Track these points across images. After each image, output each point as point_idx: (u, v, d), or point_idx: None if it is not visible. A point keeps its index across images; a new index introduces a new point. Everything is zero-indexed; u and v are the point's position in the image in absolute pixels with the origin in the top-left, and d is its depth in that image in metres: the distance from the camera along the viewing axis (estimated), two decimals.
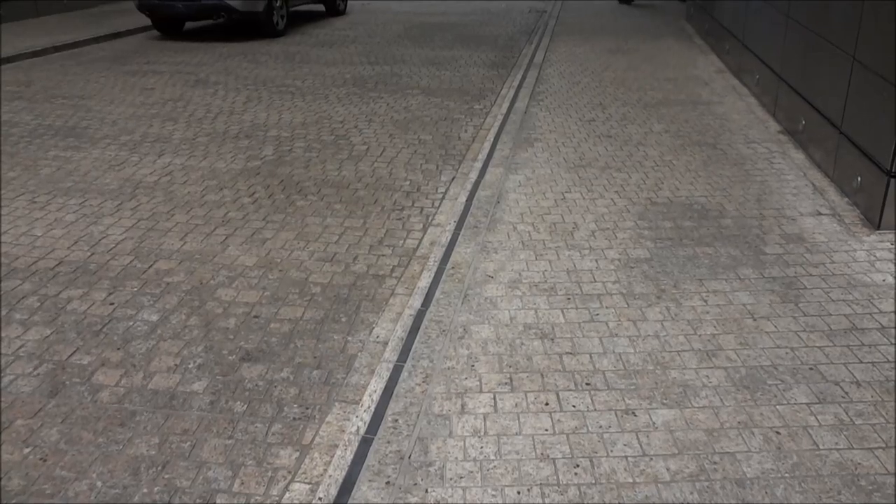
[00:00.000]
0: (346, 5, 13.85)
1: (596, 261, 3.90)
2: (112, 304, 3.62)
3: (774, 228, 4.27)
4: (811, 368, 2.96)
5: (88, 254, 4.15)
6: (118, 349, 3.24)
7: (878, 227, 4.23)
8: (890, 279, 3.68)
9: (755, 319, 3.32)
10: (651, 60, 8.93)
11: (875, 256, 3.92)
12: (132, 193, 5.03)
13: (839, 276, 3.73)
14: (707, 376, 2.92)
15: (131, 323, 3.45)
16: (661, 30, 11.23)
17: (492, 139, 5.92)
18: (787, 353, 3.07)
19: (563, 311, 3.41)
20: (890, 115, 4.10)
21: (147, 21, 11.46)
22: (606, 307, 3.45)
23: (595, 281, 3.69)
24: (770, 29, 6.66)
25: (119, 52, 10.08)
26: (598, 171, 5.21)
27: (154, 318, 3.50)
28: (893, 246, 4.03)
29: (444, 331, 3.24)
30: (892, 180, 4.11)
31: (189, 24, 11.90)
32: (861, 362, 3.00)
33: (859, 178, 4.51)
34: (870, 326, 3.26)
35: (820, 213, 4.47)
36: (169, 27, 11.46)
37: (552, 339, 3.18)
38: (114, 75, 8.65)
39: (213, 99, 7.54)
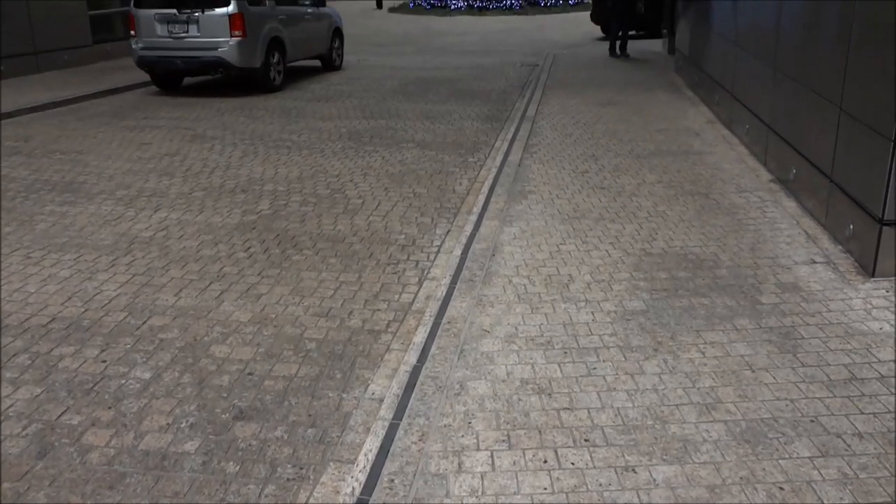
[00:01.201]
0: (342, 61, 14.10)
1: (592, 313, 3.89)
2: (104, 361, 3.58)
3: (769, 277, 4.27)
4: (812, 421, 2.93)
5: (82, 310, 4.12)
6: (109, 408, 3.19)
7: (873, 275, 4.24)
8: (887, 327, 3.67)
9: (754, 371, 3.30)
10: (642, 112, 9.07)
11: (871, 304, 3.92)
12: (127, 248, 5.03)
13: (836, 324, 3.71)
14: (707, 430, 2.88)
15: (123, 381, 3.41)
16: (650, 82, 11.43)
17: (486, 192, 5.96)
18: (787, 405, 3.04)
19: (560, 366, 3.38)
20: (878, 164, 4.15)
21: (146, 77, 11.63)
22: (604, 361, 3.42)
23: (592, 334, 3.67)
24: (758, 80, 6.79)
25: (118, 108, 10.21)
26: (593, 223, 5.24)
27: (147, 375, 3.46)
28: (889, 293, 4.03)
29: (440, 387, 3.21)
30: (884, 228, 4.14)
31: (187, 80, 12.08)
32: (862, 413, 2.97)
33: (851, 226, 4.54)
34: (869, 376, 3.24)
35: (814, 262, 4.48)
36: (168, 83, 11.64)
37: (550, 395, 3.15)
38: (112, 130, 8.74)
39: (210, 153, 7.61)
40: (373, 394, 3.27)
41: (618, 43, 14.57)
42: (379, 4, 29.14)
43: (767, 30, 6.51)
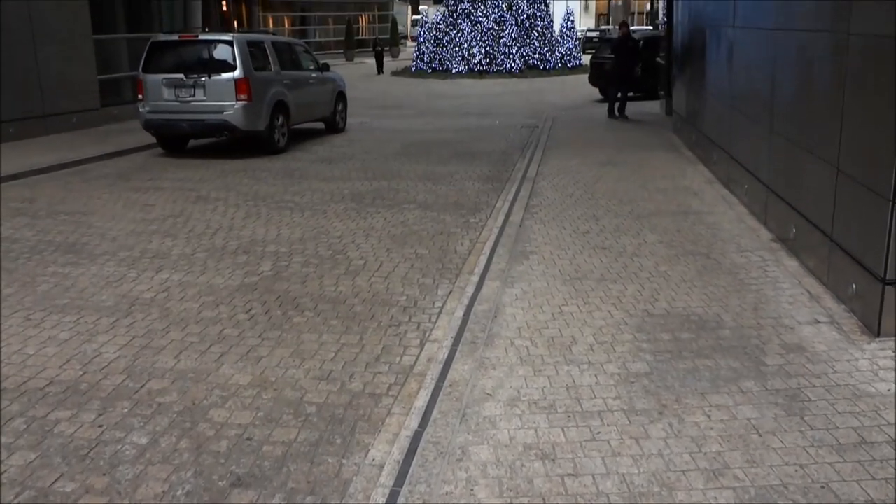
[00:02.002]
0: (345, 123, 14.34)
1: (595, 376, 3.84)
2: (101, 426, 3.53)
3: (773, 338, 4.24)
4: (822, 487, 2.86)
5: (80, 373, 4.09)
6: (104, 475, 3.13)
7: (878, 335, 4.21)
8: (895, 389, 3.62)
9: (761, 435, 3.24)
10: (641, 172, 9.17)
11: (878, 365, 3.88)
12: (128, 310, 5.02)
13: (843, 386, 3.67)
14: (715, 497, 2.81)
15: (119, 446, 3.35)
16: (649, 142, 11.60)
17: (488, 252, 5.97)
18: (796, 470, 2.97)
19: (563, 430, 3.32)
20: (878, 223, 4.17)
21: (152, 139, 11.82)
22: (608, 425, 3.36)
23: (595, 397, 3.62)
24: (755, 141, 6.88)
25: (123, 169, 10.34)
26: (595, 283, 5.23)
27: (143, 440, 3.40)
28: (895, 354, 3.99)
29: (441, 453, 3.15)
30: (887, 287, 4.13)
31: (192, 142, 12.27)
32: (874, 479, 2.90)
33: (854, 286, 4.53)
34: (879, 440, 3.18)
35: (818, 322, 4.45)
36: (173, 145, 11.83)
37: (553, 460, 3.09)
38: (117, 191, 8.83)
39: (213, 215, 7.67)
40: (373, 460, 3.20)
41: (616, 104, 14.84)
42: (379, 70, 29.80)
43: (762, 91, 6.64)
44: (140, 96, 11.18)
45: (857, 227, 4.54)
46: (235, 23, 38.14)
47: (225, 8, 37.41)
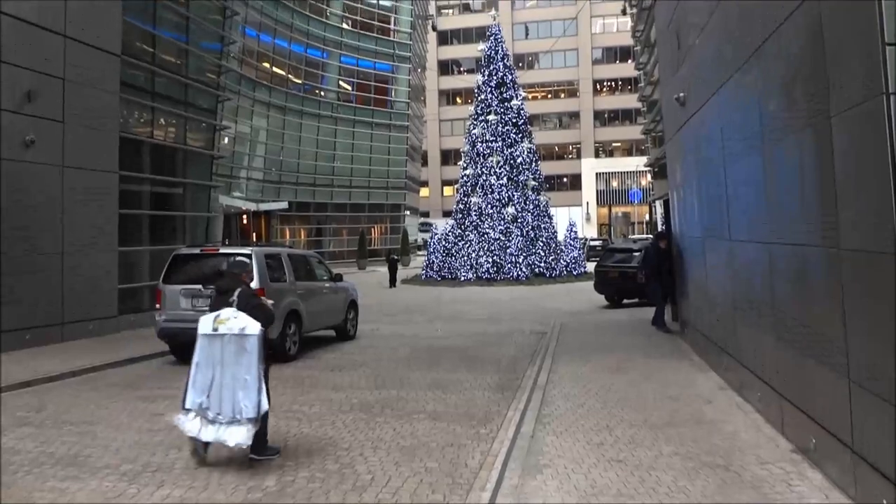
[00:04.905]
0: (356, 330, 14.55)
1: None
2: None
3: None
4: None
5: None
6: None
7: None
8: None
9: None
10: (651, 379, 9.11)
11: None
12: None
13: None
14: None
15: None
16: (657, 347, 11.64)
17: (500, 467, 5.78)
18: None
19: None
20: None
21: (164, 346, 11.97)
22: None
23: None
24: (760, 347, 6.92)
25: (133, 377, 10.36)
26: (612, 500, 5.01)
27: None
28: None
29: None
30: None
31: None
32: None
33: (885, 502, 4.32)
34: None
35: None
36: (186, 352, 11.91)
37: None
38: (124, 401, 8.78)
39: None
40: None
41: (658, 313, 13.76)
42: (392, 283, 30.52)
43: (764, 300, 6.78)
44: (158, 305, 11.51)
45: (878, 440, 4.43)
46: (254, 235, 40.18)
47: (245, 222, 39.64)
